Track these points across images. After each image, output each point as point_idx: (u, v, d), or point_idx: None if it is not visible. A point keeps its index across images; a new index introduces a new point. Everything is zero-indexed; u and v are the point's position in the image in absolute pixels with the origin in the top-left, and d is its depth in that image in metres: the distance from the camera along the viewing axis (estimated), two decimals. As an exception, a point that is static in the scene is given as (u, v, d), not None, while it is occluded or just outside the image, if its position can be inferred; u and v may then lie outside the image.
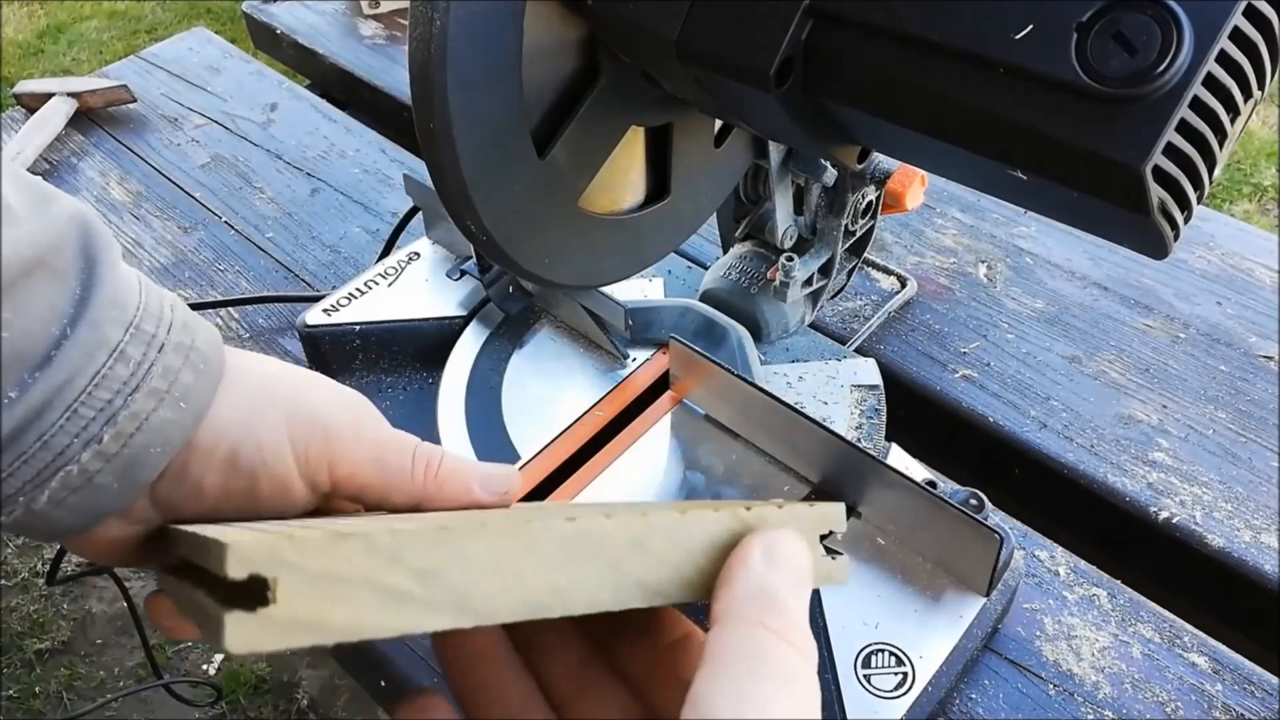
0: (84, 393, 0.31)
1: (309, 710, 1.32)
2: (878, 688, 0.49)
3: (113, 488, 0.32)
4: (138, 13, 2.80)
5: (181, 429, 0.33)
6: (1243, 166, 2.07)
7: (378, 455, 0.36)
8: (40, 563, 1.49)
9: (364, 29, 1.12)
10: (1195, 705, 0.52)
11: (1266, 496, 0.63)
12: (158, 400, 0.32)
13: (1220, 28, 0.31)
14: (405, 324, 0.69)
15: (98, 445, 0.31)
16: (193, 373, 0.33)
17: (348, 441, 0.36)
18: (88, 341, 0.31)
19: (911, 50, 0.36)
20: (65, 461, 0.30)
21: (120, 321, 0.32)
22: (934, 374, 0.71)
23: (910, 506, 0.53)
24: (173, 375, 0.32)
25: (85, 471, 0.31)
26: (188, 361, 0.33)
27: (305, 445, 0.35)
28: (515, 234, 0.46)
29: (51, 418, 0.30)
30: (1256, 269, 0.80)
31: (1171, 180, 0.33)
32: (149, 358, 0.32)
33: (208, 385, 0.34)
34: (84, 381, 0.31)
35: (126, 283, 0.33)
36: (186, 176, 0.93)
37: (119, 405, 0.31)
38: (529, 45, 0.41)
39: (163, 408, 0.32)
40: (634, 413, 0.63)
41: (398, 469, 0.36)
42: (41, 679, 1.36)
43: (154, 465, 0.32)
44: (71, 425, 0.30)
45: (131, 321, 0.32)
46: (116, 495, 0.32)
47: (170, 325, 0.33)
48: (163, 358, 0.32)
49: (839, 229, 0.64)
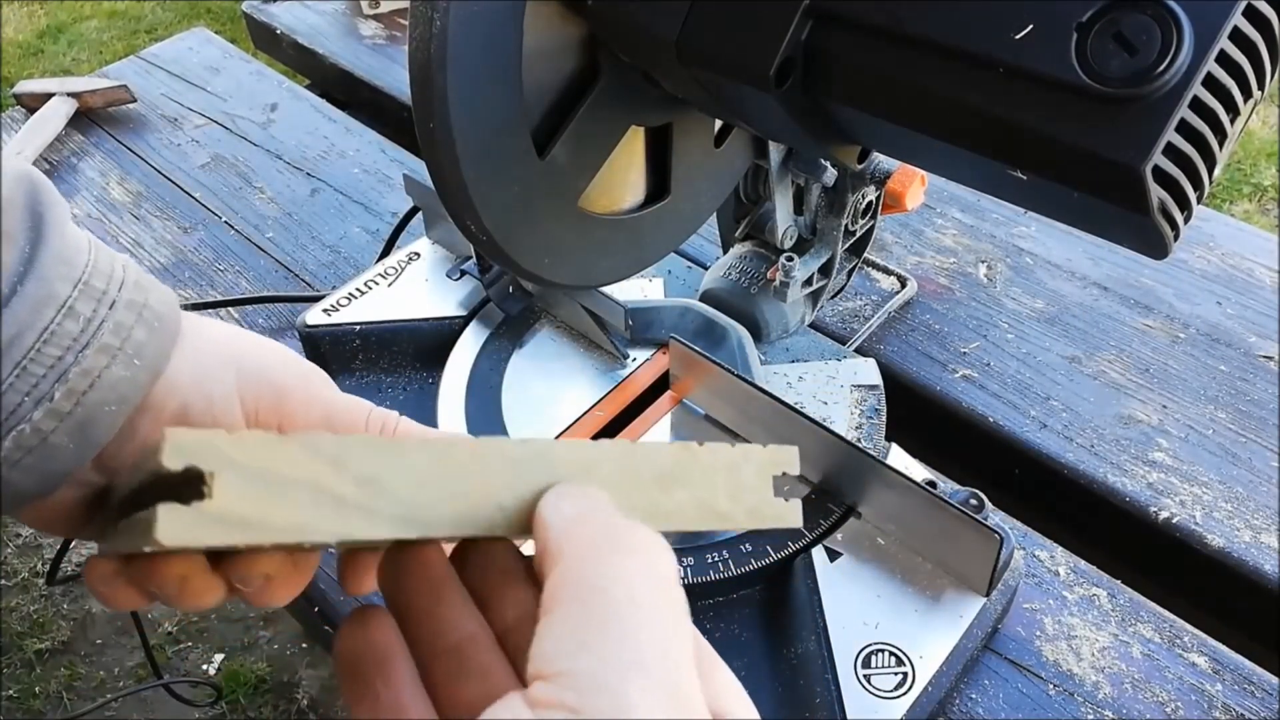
0: (33, 349, 0.30)
1: (309, 710, 1.32)
2: (878, 688, 0.49)
3: (68, 448, 0.31)
4: (138, 13, 2.80)
5: (136, 386, 0.32)
6: (1243, 166, 2.07)
7: (330, 417, 0.36)
8: (40, 563, 1.49)
9: (364, 29, 1.12)
10: (1195, 705, 0.52)
11: (1266, 496, 0.63)
12: (110, 357, 0.31)
13: (1220, 28, 0.31)
14: (405, 324, 0.69)
15: (49, 403, 0.30)
16: (146, 330, 0.33)
17: (299, 402, 0.36)
18: (35, 297, 0.30)
19: (911, 50, 0.36)
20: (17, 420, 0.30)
21: (68, 278, 0.32)
22: (934, 374, 0.71)
23: (910, 506, 0.53)
24: (125, 332, 0.32)
25: (39, 431, 0.30)
26: (140, 319, 0.33)
27: (255, 404, 0.35)
28: (515, 234, 0.46)
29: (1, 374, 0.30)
30: (1256, 269, 0.80)
31: (1171, 180, 0.33)
32: (99, 314, 0.32)
33: (163, 343, 0.33)
34: (32, 338, 0.30)
35: (75, 241, 0.33)
36: (186, 176, 0.93)
37: (69, 362, 0.31)
38: (529, 45, 0.41)
39: (115, 365, 0.32)
40: (634, 413, 0.63)
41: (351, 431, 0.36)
42: (41, 679, 1.36)
43: (109, 424, 0.32)
44: (21, 383, 0.30)
45: (80, 278, 0.32)
46: (72, 456, 0.31)
47: (122, 283, 0.33)
48: (114, 314, 0.32)
49: (839, 229, 0.64)
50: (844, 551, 0.55)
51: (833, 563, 0.54)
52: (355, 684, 0.29)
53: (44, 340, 0.30)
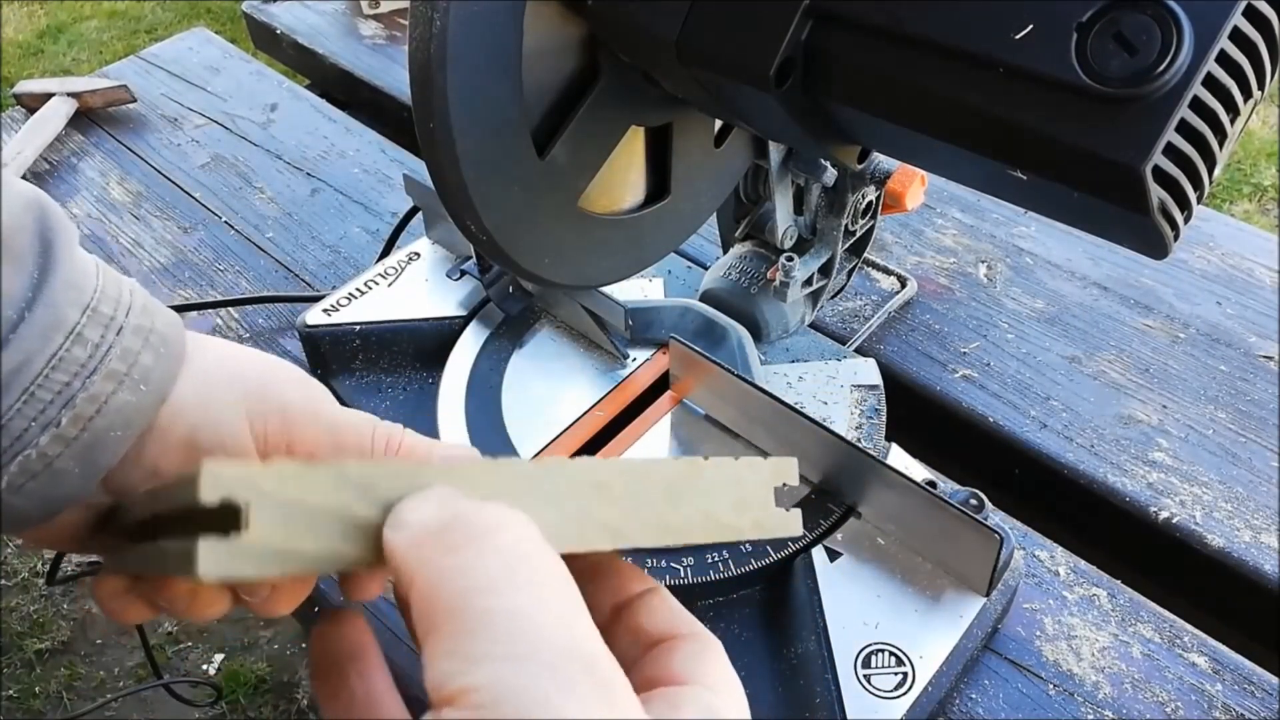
0: (41, 375, 0.30)
1: (309, 710, 1.32)
2: (878, 688, 0.49)
3: (73, 473, 0.31)
4: (138, 13, 2.80)
5: (142, 412, 0.32)
6: (1243, 166, 2.07)
7: (336, 434, 0.36)
8: (40, 563, 1.49)
9: (364, 29, 1.12)
10: (1195, 705, 0.52)
11: (1266, 496, 0.63)
12: (117, 383, 0.32)
13: (1220, 28, 0.31)
14: (405, 324, 0.69)
15: (56, 429, 0.30)
16: (152, 355, 0.33)
17: (306, 421, 0.36)
18: (44, 323, 0.31)
19: (911, 50, 0.36)
20: (23, 446, 0.30)
21: (77, 303, 0.32)
22: (934, 374, 0.71)
23: (910, 506, 0.53)
24: (132, 358, 0.32)
25: (44, 456, 0.30)
26: (147, 344, 0.33)
27: (264, 425, 0.35)
28: (515, 234, 0.46)
29: (8, 401, 0.30)
30: (1256, 269, 0.80)
31: (1171, 180, 0.33)
32: (107, 339, 0.32)
33: (168, 368, 0.33)
34: (41, 364, 0.30)
35: (83, 266, 0.33)
36: (186, 176, 0.93)
37: (77, 388, 0.31)
38: (529, 45, 0.41)
39: (122, 390, 0.32)
40: (634, 413, 0.63)
41: (358, 447, 0.36)
42: (41, 679, 1.36)
43: (115, 449, 0.32)
44: (29, 409, 0.30)
45: (89, 304, 0.32)
46: (78, 481, 0.31)
47: (129, 309, 0.33)
48: (121, 340, 0.32)
49: (839, 229, 0.64)
50: (844, 551, 0.55)
51: (833, 563, 0.54)
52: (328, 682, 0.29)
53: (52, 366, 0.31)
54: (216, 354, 0.36)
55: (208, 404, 0.34)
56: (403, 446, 0.37)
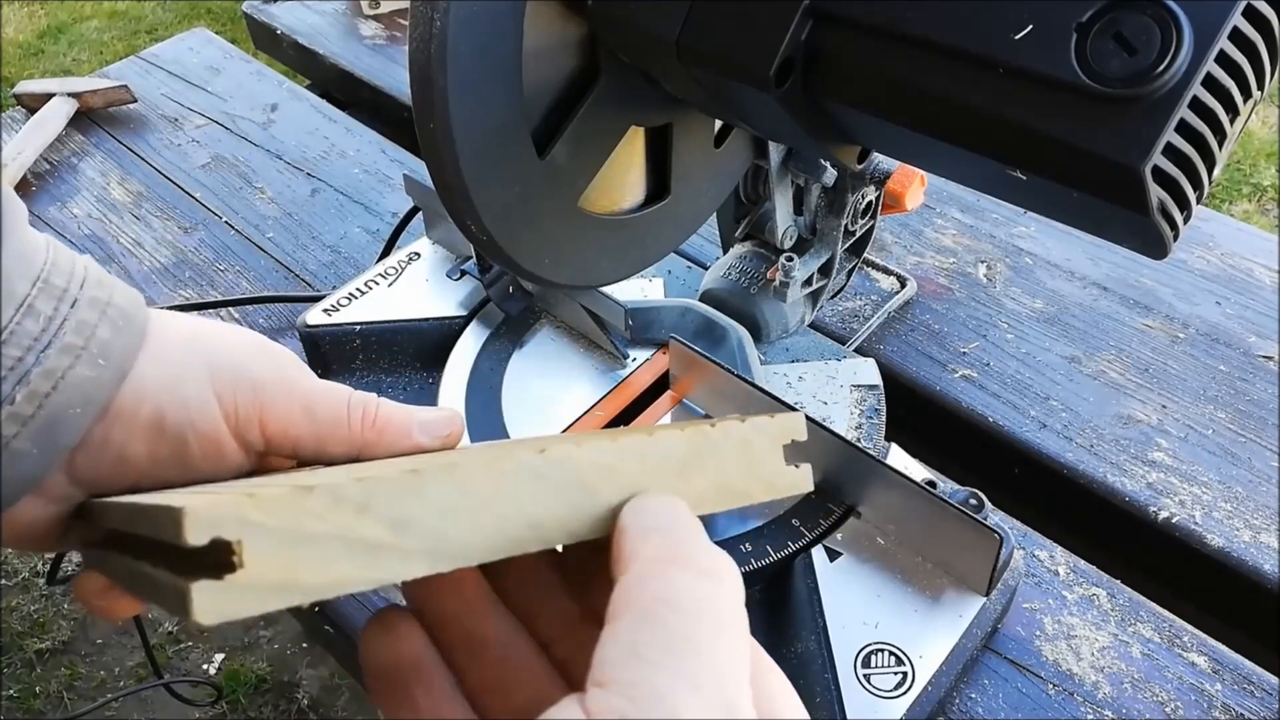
0: None
1: (309, 710, 1.32)
2: (878, 687, 0.49)
3: (31, 454, 0.30)
4: (138, 13, 2.80)
5: (102, 387, 0.31)
6: (1243, 166, 2.07)
7: (310, 406, 0.34)
8: (41, 563, 1.49)
9: (364, 29, 1.12)
10: (1195, 705, 0.52)
11: (1266, 496, 0.63)
12: (73, 357, 0.30)
13: (1220, 28, 0.31)
14: (405, 324, 0.69)
15: (10, 406, 0.29)
16: (110, 328, 0.31)
17: (277, 394, 0.34)
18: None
19: (912, 50, 0.36)
20: None
21: (26, 275, 0.30)
22: (934, 374, 0.72)
23: (910, 506, 0.53)
24: (88, 330, 0.31)
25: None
26: (104, 317, 0.31)
27: (234, 401, 0.33)
28: (515, 234, 0.46)
29: None
30: (1256, 269, 0.80)
31: (1171, 180, 0.33)
32: (60, 312, 0.31)
33: (128, 342, 0.32)
34: None
35: (33, 241, 0.31)
36: (187, 176, 0.93)
37: (31, 363, 0.29)
38: (529, 45, 0.41)
39: (79, 365, 0.30)
40: (634, 413, 0.63)
41: (333, 419, 0.34)
42: (42, 679, 1.36)
43: (75, 427, 0.30)
44: None
45: (39, 275, 0.31)
46: (36, 463, 0.30)
47: (84, 281, 0.32)
48: (76, 312, 0.31)
49: (839, 229, 0.64)
50: (844, 551, 0.55)
51: (833, 563, 0.54)
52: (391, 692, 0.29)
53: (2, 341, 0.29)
54: (181, 330, 0.34)
55: (173, 382, 0.33)
56: (379, 415, 0.35)
